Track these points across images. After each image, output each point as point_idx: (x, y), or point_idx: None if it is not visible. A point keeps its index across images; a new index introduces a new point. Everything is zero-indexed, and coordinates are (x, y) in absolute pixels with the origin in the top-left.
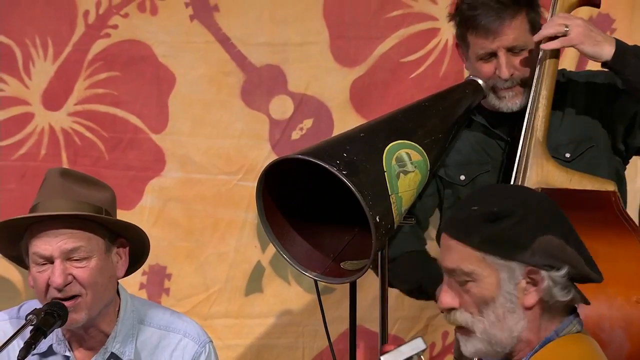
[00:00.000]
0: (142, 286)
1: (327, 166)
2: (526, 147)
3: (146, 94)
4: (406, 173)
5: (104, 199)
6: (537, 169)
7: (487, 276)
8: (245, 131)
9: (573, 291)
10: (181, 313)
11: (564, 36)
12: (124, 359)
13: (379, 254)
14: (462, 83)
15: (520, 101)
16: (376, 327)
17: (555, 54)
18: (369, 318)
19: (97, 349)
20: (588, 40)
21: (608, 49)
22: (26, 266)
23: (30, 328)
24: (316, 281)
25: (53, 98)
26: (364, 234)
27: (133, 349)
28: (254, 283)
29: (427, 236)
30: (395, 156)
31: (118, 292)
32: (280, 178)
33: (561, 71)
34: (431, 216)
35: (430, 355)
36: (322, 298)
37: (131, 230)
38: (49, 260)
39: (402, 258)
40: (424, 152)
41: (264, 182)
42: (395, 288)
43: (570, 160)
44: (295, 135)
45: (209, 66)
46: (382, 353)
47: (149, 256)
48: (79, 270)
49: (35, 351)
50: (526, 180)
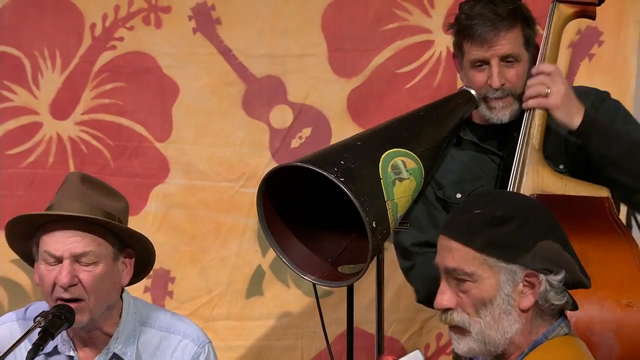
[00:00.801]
0: (147, 289)
1: (325, 173)
2: (522, 155)
3: (151, 104)
4: (401, 180)
5: (118, 208)
6: (533, 176)
7: (488, 278)
8: (246, 139)
9: (567, 296)
10: (182, 315)
11: (544, 97)
12: (126, 359)
13: (376, 258)
14: (456, 93)
15: (509, 113)
16: (373, 329)
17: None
18: (366, 320)
19: (100, 349)
20: (563, 109)
21: (576, 121)
22: (32, 263)
23: (38, 329)
24: (315, 284)
25: (61, 108)
26: (361, 239)
27: (135, 350)
28: (255, 286)
29: None
30: (390, 164)
31: (121, 296)
32: (280, 185)
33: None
34: None
35: (425, 355)
36: (321, 301)
37: (140, 240)
38: (59, 260)
39: (423, 279)
40: (419, 160)
41: (265, 189)
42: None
43: (563, 171)
44: (294, 143)
45: (212, 77)
46: None
47: None
48: (86, 274)
49: (42, 351)
50: (522, 186)
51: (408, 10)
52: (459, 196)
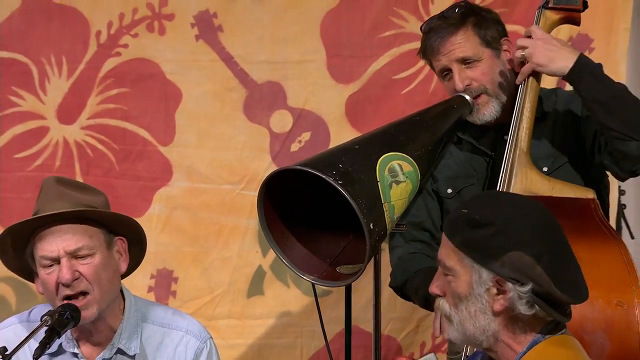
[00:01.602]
0: (151, 289)
1: (324, 176)
2: (511, 157)
3: (154, 109)
4: (398, 183)
5: (99, 202)
6: (522, 178)
7: (463, 275)
8: (247, 143)
9: (537, 307)
10: (182, 311)
11: (527, 62)
12: (130, 354)
13: (373, 259)
14: (450, 98)
15: (488, 112)
16: (370, 328)
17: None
18: (364, 319)
19: (104, 345)
20: (543, 60)
21: (563, 65)
22: (32, 278)
23: (44, 329)
24: (314, 284)
25: (67, 113)
26: (359, 240)
27: (138, 344)
28: (256, 286)
29: None
30: (387, 167)
31: (122, 293)
32: (280, 187)
33: (555, 89)
34: (441, 225)
35: (420, 353)
36: (319, 300)
37: (128, 224)
38: (56, 260)
39: (414, 275)
40: (415, 163)
41: (265, 191)
42: (414, 303)
43: (548, 173)
44: (294, 147)
45: (213, 83)
46: None
47: (158, 260)
48: (85, 266)
49: (47, 351)
50: (511, 188)
51: (404, 18)
52: (450, 191)
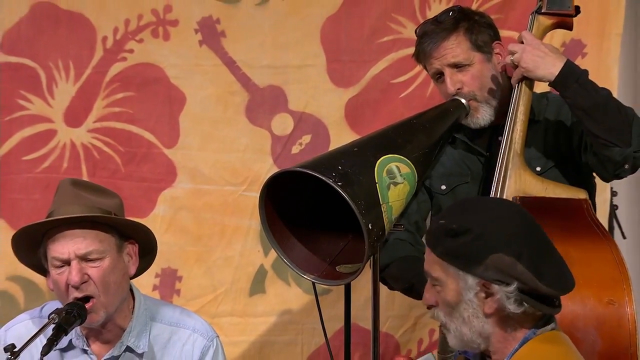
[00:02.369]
0: (155, 288)
1: (324, 178)
2: (505, 159)
3: (159, 112)
4: (396, 184)
5: (113, 205)
6: (516, 179)
7: (450, 283)
8: (249, 146)
9: (525, 304)
10: (189, 310)
11: (517, 68)
12: (139, 351)
13: (371, 258)
14: (447, 102)
15: (482, 116)
16: (369, 325)
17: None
18: (362, 317)
19: (114, 343)
20: (530, 65)
21: (549, 71)
22: (44, 273)
23: (52, 326)
24: (314, 283)
25: (74, 116)
26: (358, 240)
27: (147, 343)
28: (258, 285)
29: None
30: (385, 169)
31: (132, 292)
32: (281, 189)
33: (545, 93)
34: (426, 218)
35: (417, 350)
36: (320, 298)
37: (139, 230)
38: (67, 262)
39: (397, 261)
40: (412, 165)
41: (266, 193)
42: (391, 289)
43: (540, 173)
44: (295, 149)
45: (217, 87)
46: None
47: (162, 260)
48: (94, 270)
49: (57, 347)
50: (505, 189)
51: (402, 23)
52: (444, 187)
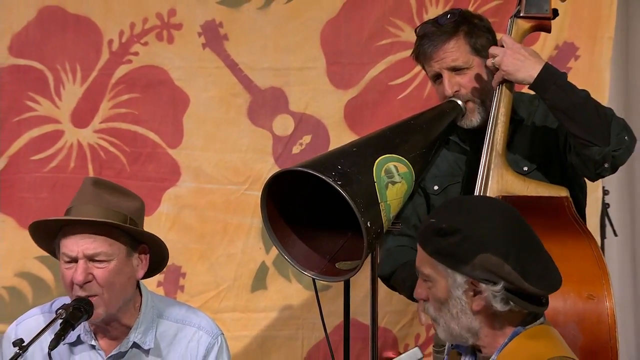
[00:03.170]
0: (160, 284)
1: (324, 177)
2: (487, 159)
3: (163, 113)
4: (394, 183)
5: (132, 208)
6: (498, 178)
7: (440, 280)
8: (251, 146)
9: (511, 303)
10: (196, 308)
11: (498, 71)
12: (145, 348)
13: (370, 255)
14: (443, 103)
15: (475, 118)
16: (367, 320)
17: None
18: (361, 312)
19: (121, 339)
20: (510, 68)
21: (529, 74)
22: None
23: (60, 321)
24: (314, 279)
25: (81, 117)
26: (357, 238)
27: (153, 339)
28: (259, 281)
29: None
30: (384, 168)
31: (140, 290)
32: (282, 188)
33: (528, 95)
34: None
35: (415, 344)
36: (320, 294)
37: (151, 238)
38: (75, 259)
39: (400, 267)
40: (410, 165)
41: (268, 192)
42: (401, 294)
43: (527, 173)
44: (295, 149)
45: (219, 88)
46: None
47: None
48: (99, 270)
49: (66, 341)
50: (488, 188)
51: (400, 27)
52: (436, 188)
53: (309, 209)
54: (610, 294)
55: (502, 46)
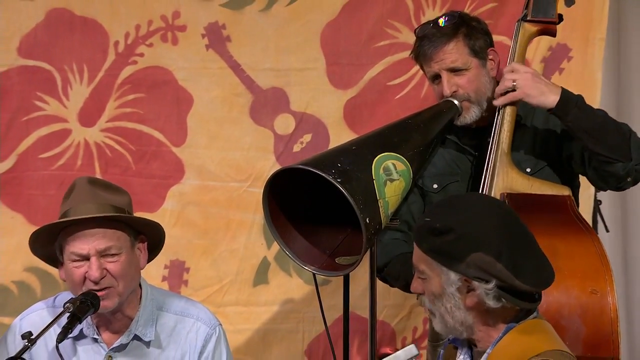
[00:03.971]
0: (164, 278)
1: (324, 175)
2: (493, 158)
3: (168, 113)
4: (392, 181)
5: (124, 201)
6: (503, 176)
7: (434, 277)
8: (253, 144)
9: (504, 300)
10: (194, 300)
11: (514, 90)
12: (146, 340)
13: (369, 250)
14: (440, 103)
15: (469, 116)
16: (366, 314)
17: None
18: (360, 306)
19: (122, 332)
20: (534, 91)
21: (552, 99)
22: (55, 264)
23: (66, 315)
24: (314, 274)
25: (88, 116)
26: (356, 233)
27: (153, 331)
28: (261, 275)
29: None
30: (382, 166)
31: (140, 283)
32: (283, 185)
33: None
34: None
35: (412, 337)
36: (320, 289)
37: (150, 225)
38: (86, 258)
39: (395, 259)
40: (408, 163)
41: (269, 189)
42: (392, 286)
43: (531, 173)
44: (296, 148)
45: (222, 89)
46: (380, 357)
47: (171, 252)
48: (112, 264)
49: (70, 335)
50: (493, 186)
51: (398, 29)
52: (435, 186)
53: (310, 206)
54: (612, 289)
55: (512, 71)
